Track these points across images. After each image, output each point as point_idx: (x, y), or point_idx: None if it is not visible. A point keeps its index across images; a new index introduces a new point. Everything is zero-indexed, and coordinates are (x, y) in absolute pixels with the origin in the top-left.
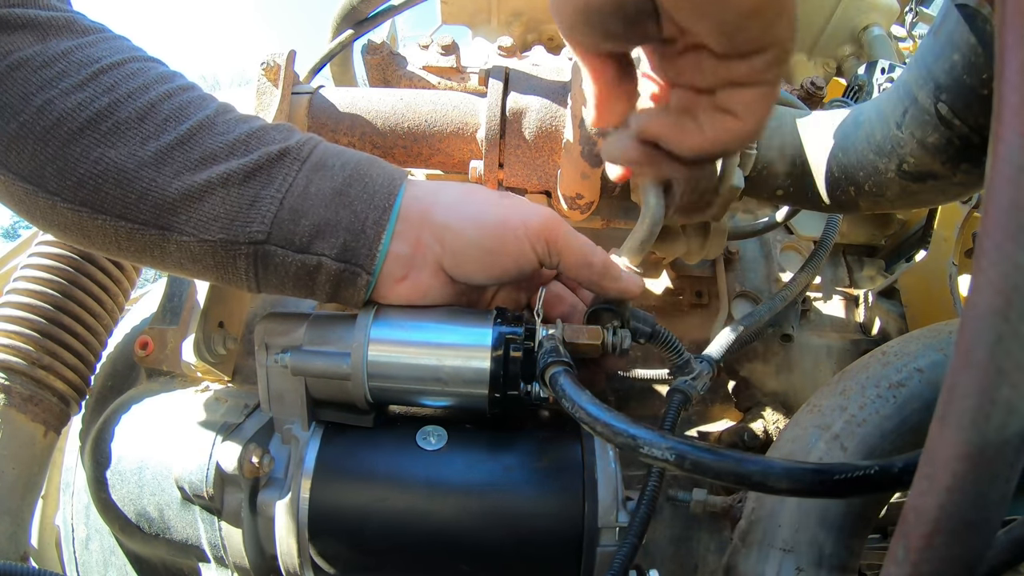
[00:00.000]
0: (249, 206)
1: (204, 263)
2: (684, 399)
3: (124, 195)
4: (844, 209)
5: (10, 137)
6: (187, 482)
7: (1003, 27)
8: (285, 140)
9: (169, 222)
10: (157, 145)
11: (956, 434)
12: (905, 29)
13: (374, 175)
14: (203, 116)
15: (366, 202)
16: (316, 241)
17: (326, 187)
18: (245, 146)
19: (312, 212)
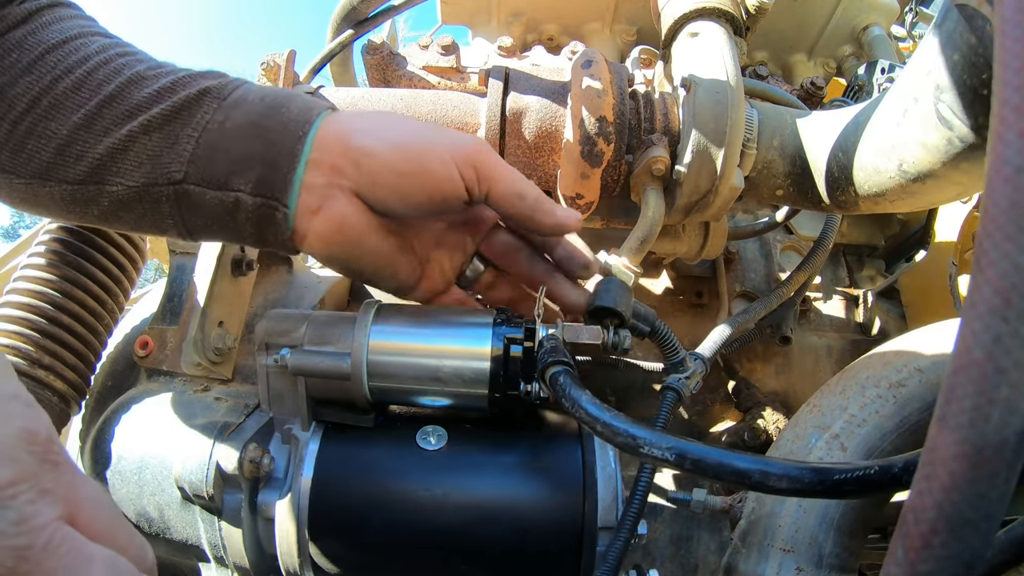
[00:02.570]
0: (169, 148)
1: (134, 211)
2: (676, 397)
3: (63, 160)
4: (844, 209)
5: None
6: (187, 482)
7: (1002, 27)
8: (208, 81)
9: (102, 176)
10: (88, 108)
11: (955, 434)
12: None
13: (292, 106)
14: (133, 72)
15: (281, 132)
16: (233, 177)
17: (243, 120)
18: (170, 92)
19: (229, 147)
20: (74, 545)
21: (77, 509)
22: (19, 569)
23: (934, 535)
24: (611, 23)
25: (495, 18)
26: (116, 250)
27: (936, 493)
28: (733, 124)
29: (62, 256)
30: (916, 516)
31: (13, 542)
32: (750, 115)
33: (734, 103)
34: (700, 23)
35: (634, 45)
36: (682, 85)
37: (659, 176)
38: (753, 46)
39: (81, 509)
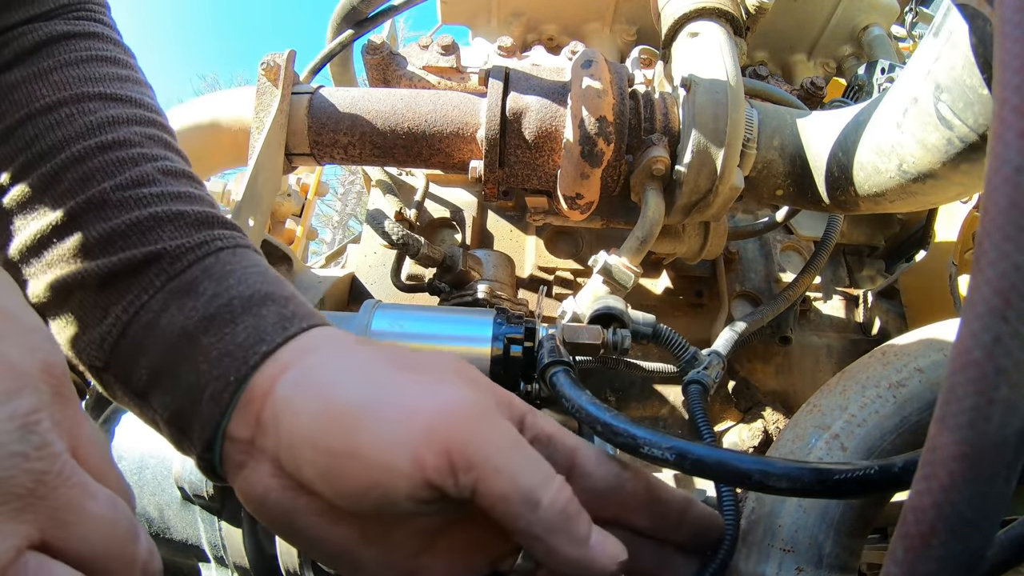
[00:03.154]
0: (96, 321)
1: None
2: (702, 389)
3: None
4: (844, 209)
5: None
6: (187, 482)
7: (1002, 27)
8: (169, 240)
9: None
10: (39, 227)
11: (955, 434)
12: (905, 29)
13: (239, 328)
14: (99, 190)
15: (212, 363)
16: (153, 392)
17: (177, 324)
18: (123, 240)
19: (153, 351)
20: (81, 478)
21: (77, 444)
22: (37, 492)
23: (934, 535)
24: (611, 23)
25: (495, 18)
26: None
27: (936, 493)
28: (733, 124)
29: None
30: (916, 516)
31: (35, 465)
32: (750, 115)
33: (734, 103)
34: (700, 23)
35: (634, 45)
36: (682, 85)
37: (659, 176)
38: (753, 46)
39: (80, 445)
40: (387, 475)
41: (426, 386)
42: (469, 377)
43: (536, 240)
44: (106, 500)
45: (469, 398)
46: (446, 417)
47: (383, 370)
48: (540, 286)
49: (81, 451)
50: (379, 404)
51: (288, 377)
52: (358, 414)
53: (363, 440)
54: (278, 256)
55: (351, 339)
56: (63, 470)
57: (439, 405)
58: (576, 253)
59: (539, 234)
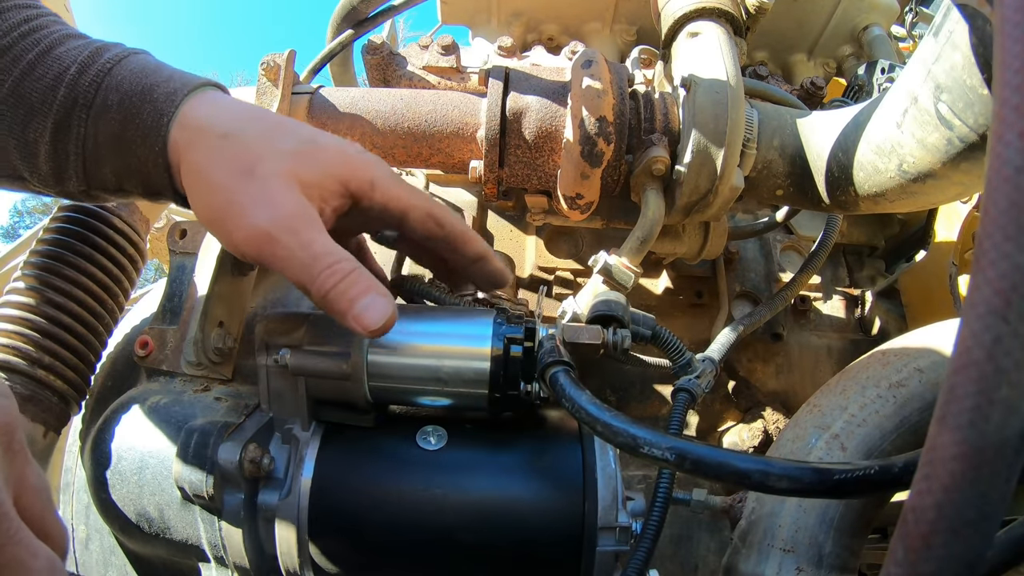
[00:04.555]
0: (64, 162)
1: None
2: (690, 398)
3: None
4: (844, 209)
5: None
6: (187, 482)
7: (1002, 27)
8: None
9: (22, 174)
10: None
11: (955, 434)
12: (905, 29)
13: (144, 114)
14: (29, 59)
15: (142, 146)
16: (124, 183)
17: (109, 134)
18: (52, 92)
19: (107, 161)
20: (25, 536)
21: (21, 493)
22: None
23: (934, 535)
24: (611, 23)
25: (495, 18)
26: (116, 250)
27: (936, 493)
28: (733, 124)
29: (62, 257)
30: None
31: None
32: (750, 115)
33: (734, 103)
34: (700, 23)
35: (634, 45)
36: (682, 85)
37: (659, 176)
38: (753, 46)
39: (23, 494)
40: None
41: (246, 207)
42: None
43: (536, 240)
44: (46, 559)
45: (269, 222)
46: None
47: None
48: (540, 286)
49: (24, 499)
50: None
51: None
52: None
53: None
54: None
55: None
56: (9, 528)
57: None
58: (576, 253)
59: (539, 234)
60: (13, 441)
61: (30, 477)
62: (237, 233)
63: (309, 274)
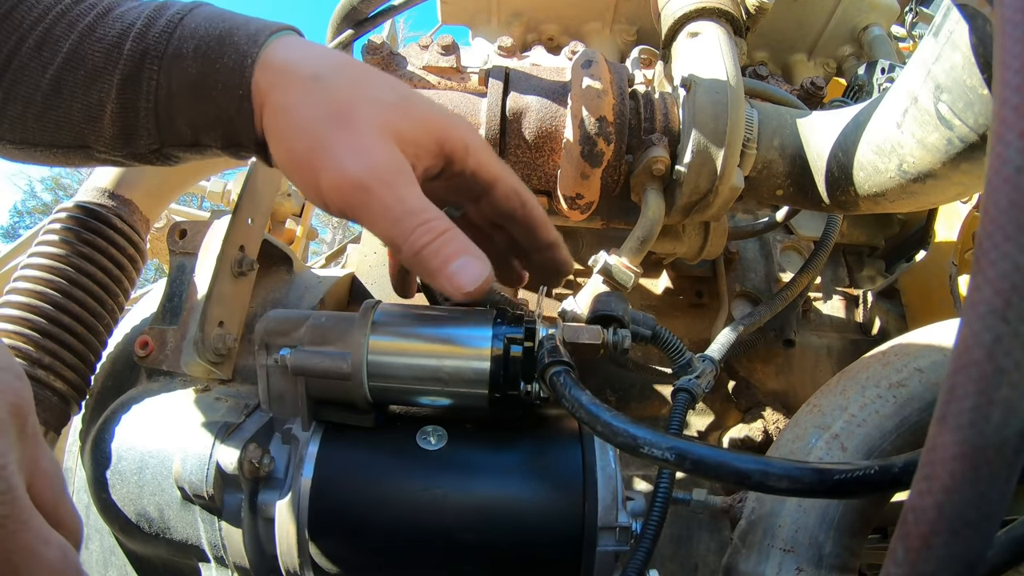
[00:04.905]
0: (134, 120)
1: (129, 163)
2: (690, 398)
3: (44, 126)
4: (844, 209)
5: None
6: (187, 482)
7: (1002, 27)
8: (147, 31)
9: (86, 141)
10: (52, 71)
11: (955, 434)
12: (905, 29)
13: (226, 58)
14: (86, 24)
15: (223, 92)
16: (201, 136)
17: (186, 83)
18: (116, 49)
19: (183, 112)
20: (38, 523)
21: (34, 479)
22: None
23: (934, 535)
24: (611, 23)
25: (495, 18)
26: (116, 250)
27: (936, 493)
28: (733, 124)
29: (62, 256)
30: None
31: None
32: (750, 115)
33: (734, 103)
34: (700, 23)
35: (634, 45)
36: (682, 85)
37: (659, 176)
38: (753, 46)
39: (36, 480)
40: (317, 199)
41: (339, 155)
42: (391, 134)
43: None
44: (58, 548)
45: (364, 171)
46: (339, 187)
47: (317, 126)
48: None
49: (37, 485)
50: (305, 167)
51: (266, 109)
52: (295, 171)
53: (300, 186)
54: (278, 256)
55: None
56: (22, 514)
57: (339, 177)
58: (576, 253)
59: None
60: (27, 425)
61: (43, 463)
62: (326, 180)
63: (401, 229)
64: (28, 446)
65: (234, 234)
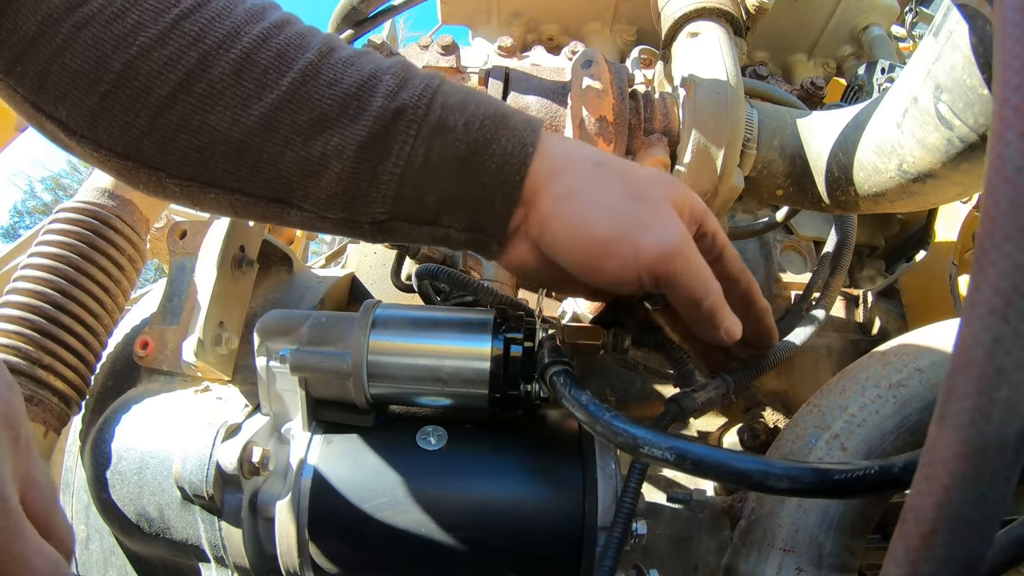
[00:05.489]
0: (368, 183)
1: (327, 229)
2: (678, 411)
3: (236, 168)
4: (844, 209)
5: (93, 110)
6: (187, 482)
7: (1002, 27)
8: (399, 91)
9: (287, 196)
10: (261, 107)
11: (955, 434)
12: (905, 29)
13: (503, 140)
14: (305, 62)
15: (495, 174)
16: (442, 215)
17: (449, 156)
18: (356, 101)
19: (436, 187)
20: (31, 534)
21: (27, 489)
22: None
23: (934, 535)
24: (611, 23)
25: (495, 18)
26: (116, 250)
27: (936, 493)
28: (733, 124)
29: (62, 256)
30: (916, 516)
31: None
32: (750, 115)
33: (734, 103)
34: (700, 23)
35: (634, 45)
36: (682, 85)
37: None
38: (753, 46)
39: (29, 490)
40: (617, 285)
41: (652, 226)
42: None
43: None
44: (50, 559)
45: (680, 237)
46: (660, 258)
47: (621, 205)
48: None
49: (29, 495)
50: (619, 242)
51: (546, 195)
52: (603, 247)
53: (606, 265)
54: (278, 256)
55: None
56: (15, 525)
57: (659, 246)
58: None
59: None
60: (19, 436)
61: (36, 473)
62: (648, 249)
63: (706, 288)
64: (21, 457)
65: (234, 234)
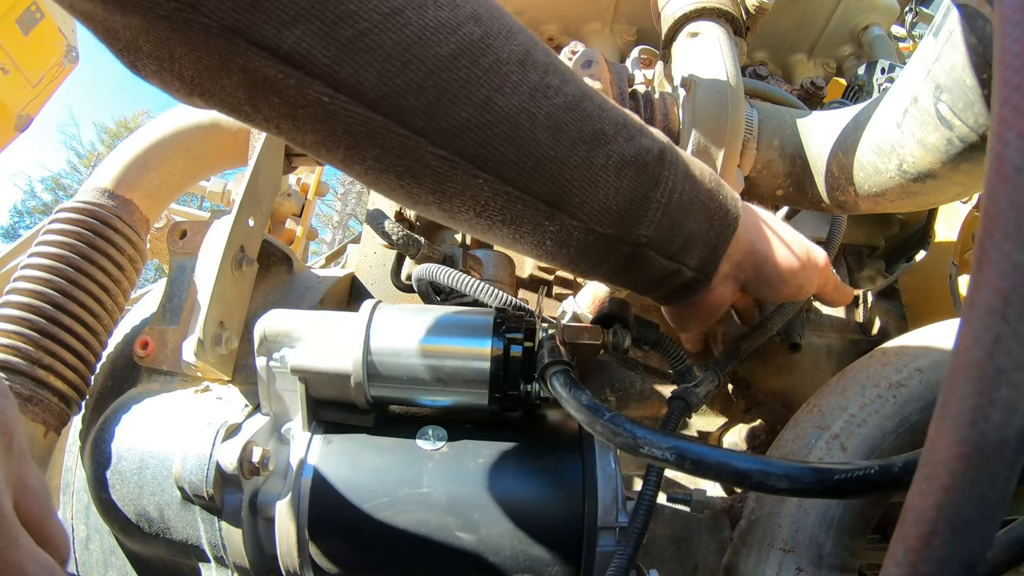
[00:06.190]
0: (640, 205)
1: (572, 250)
2: (685, 407)
3: (519, 157)
4: (844, 209)
5: (344, 43)
6: (187, 482)
7: (1002, 27)
8: (654, 136)
9: (562, 200)
10: (549, 106)
11: (955, 434)
12: (905, 29)
13: (725, 191)
14: (577, 81)
15: (722, 219)
16: (683, 251)
17: (695, 199)
18: (626, 130)
19: (684, 222)
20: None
21: (21, 496)
22: None
23: (934, 535)
24: (611, 23)
25: None
26: (116, 250)
27: (936, 493)
28: (733, 124)
29: (62, 256)
30: (916, 516)
31: None
32: (750, 115)
33: (734, 103)
34: (700, 23)
35: (634, 45)
36: (682, 85)
37: None
38: (753, 46)
39: (23, 496)
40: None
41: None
42: None
43: None
44: (44, 566)
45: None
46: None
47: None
48: (540, 286)
49: (24, 502)
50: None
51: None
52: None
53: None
54: (278, 256)
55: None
56: (9, 532)
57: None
58: None
59: None
60: (13, 443)
61: (30, 480)
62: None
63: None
64: (15, 464)
65: (234, 234)
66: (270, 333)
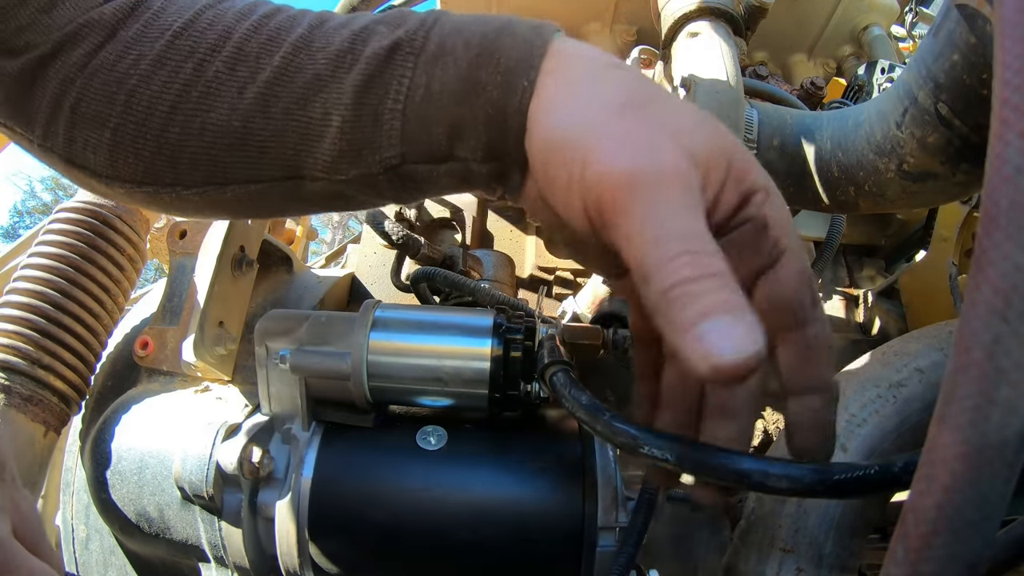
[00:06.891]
0: (372, 128)
1: (347, 197)
2: None
3: (244, 156)
4: (844, 209)
5: (109, 147)
6: (187, 482)
7: (1002, 27)
8: (394, 31)
9: (297, 169)
10: (256, 88)
11: (955, 434)
12: (905, 29)
13: (507, 49)
14: (296, 36)
15: (502, 87)
16: (458, 145)
17: (450, 78)
18: (350, 54)
19: (443, 116)
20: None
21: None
22: None
23: (935, 535)
24: (611, 23)
25: None
26: (116, 250)
27: (936, 493)
28: (733, 124)
29: (62, 256)
30: (916, 516)
31: None
32: (750, 115)
33: (734, 103)
34: (700, 23)
35: (634, 45)
36: (682, 85)
37: None
38: (753, 46)
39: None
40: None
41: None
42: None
43: (536, 240)
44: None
45: (664, 164)
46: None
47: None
48: (540, 286)
49: (19, 529)
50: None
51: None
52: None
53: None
54: (278, 256)
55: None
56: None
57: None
58: None
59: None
60: (4, 470)
61: (23, 506)
62: (594, 167)
63: (659, 253)
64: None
65: (234, 234)
66: (270, 333)
